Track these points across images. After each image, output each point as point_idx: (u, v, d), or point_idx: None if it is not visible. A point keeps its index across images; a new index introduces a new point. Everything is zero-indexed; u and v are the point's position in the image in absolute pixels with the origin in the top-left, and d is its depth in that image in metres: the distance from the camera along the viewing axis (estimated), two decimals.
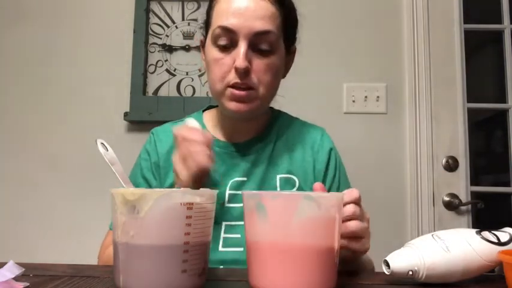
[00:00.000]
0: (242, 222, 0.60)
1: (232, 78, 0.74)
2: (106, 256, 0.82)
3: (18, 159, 1.57)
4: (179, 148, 0.67)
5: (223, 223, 0.79)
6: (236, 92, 0.75)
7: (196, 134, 0.67)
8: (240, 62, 0.72)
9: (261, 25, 0.73)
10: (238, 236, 0.77)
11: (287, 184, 0.83)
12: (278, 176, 0.83)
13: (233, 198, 0.80)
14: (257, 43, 0.74)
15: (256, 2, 0.74)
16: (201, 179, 0.66)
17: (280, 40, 0.78)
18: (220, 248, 0.77)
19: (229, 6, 0.74)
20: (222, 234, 0.78)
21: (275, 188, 0.82)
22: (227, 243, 0.77)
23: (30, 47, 1.62)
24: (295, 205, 0.47)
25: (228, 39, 0.74)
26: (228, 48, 0.75)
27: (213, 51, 0.77)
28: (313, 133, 0.90)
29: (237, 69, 0.73)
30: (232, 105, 0.76)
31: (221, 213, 0.79)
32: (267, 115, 0.91)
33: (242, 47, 0.73)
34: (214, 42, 0.76)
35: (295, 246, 0.46)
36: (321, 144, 0.88)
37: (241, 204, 0.61)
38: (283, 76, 0.87)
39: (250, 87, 0.75)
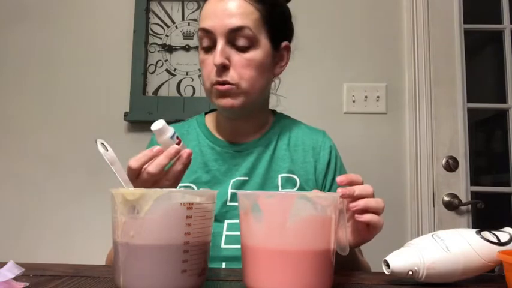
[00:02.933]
0: None
1: (214, 76, 0.78)
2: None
3: (18, 159, 1.57)
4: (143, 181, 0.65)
5: (226, 221, 0.80)
6: (218, 87, 0.78)
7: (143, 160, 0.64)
8: (216, 58, 0.76)
9: (234, 21, 0.77)
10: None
11: (288, 183, 0.84)
12: (280, 176, 0.84)
13: (235, 197, 0.81)
14: (234, 39, 0.78)
15: (230, 2, 0.78)
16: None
17: (260, 36, 0.79)
18: (223, 245, 0.79)
19: (207, 10, 0.80)
20: (225, 232, 0.80)
21: (276, 187, 0.83)
22: (229, 240, 0.79)
23: (30, 47, 1.62)
24: (290, 205, 0.47)
25: (209, 40, 0.79)
26: (210, 49, 0.79)
27: (200, 54, 0.82)
28: (314, 135, 0.91)
29: (215, 66, 0.77)
30: (219, 102, 0.80)
31: (223, 212, 0.80)
32: (267, 117, 0.92)
33: (219, 44, 0.77)
34: (200, 45, 0.82)
35: (290, 246, 0.46)
36: (322, 146, 0.89)
37: None
38: (277, 73, 0.88)
39: (230, 84, 0.78)
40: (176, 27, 1.62)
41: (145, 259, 0.45)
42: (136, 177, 0.64)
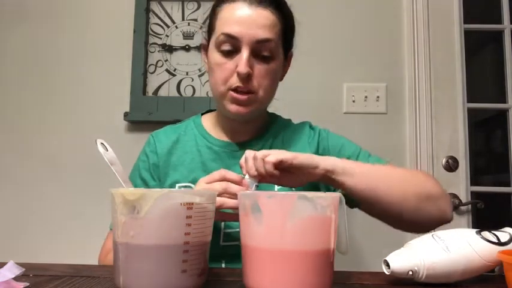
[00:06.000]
0: None
1: (235, 82, 0.79)
2: (108, 261, 0.83)
3: (18, 159, 1.56)
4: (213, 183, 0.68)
5: None
6: (237, 95, 0.79)
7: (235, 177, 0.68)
8: (243, 68, 0.76)
9: (262, 33, 0.77)
10: (238, 230, 0.79)
11: None
12: None
13: None
14: (258, 50, 0.78)
15: (258, 11, 0.78)
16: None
17: (279, 47, 0.82)
18: (221, 242, 0.79)
19: (232, 14, 0.79)
20: (223, 229, 0.80)
21: (274, 185, 0.83)
22: (227, 237, 0.80)
23: (30, 47, 1.62)
24: (290, 205, 0.47)
25: (231, 46, 0.79)
26: (231, 53, 0.79)
27: (216, 56, 0.81)
28: (303, 128, 0.94)
29: (239, 74, 0.77)
30: (233, 108, 0.81)
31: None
32: (264, 117, 0.94)
33: (245, 53, 0.77)
34: (218, 47, 0.80)
35: (290, 246, 0.46)
36: (308, 139, 0.91)
37: None
38: (281, 79, 0.91)
39: (250, 91, 0.79)
40: (176, 27, 1.62)
41: (145, 259, 0.45)
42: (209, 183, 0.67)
